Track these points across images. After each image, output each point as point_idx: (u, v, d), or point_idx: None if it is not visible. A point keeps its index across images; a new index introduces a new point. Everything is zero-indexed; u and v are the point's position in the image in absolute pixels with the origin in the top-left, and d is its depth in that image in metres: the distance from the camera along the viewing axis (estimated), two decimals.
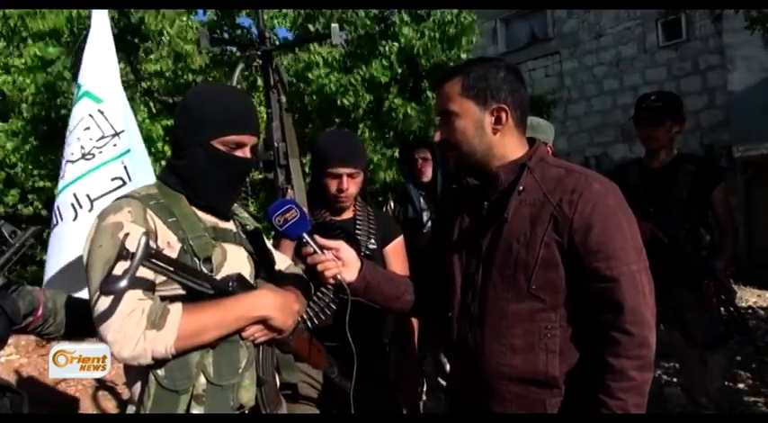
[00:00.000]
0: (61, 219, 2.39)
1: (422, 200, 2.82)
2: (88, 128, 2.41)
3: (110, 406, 4.06)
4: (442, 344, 2.57)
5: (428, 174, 2.81)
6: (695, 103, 8.60)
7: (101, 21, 2.52)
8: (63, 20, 5.56)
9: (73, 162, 2.40)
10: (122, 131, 2.43)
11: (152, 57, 5.79)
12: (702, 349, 2.49)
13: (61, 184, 2.42)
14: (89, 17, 5.21)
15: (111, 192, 2.35)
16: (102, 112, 2.42)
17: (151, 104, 6.00)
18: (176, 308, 1.13)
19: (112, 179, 2.39)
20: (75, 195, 2.38)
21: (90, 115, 2.41)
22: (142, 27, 5.72)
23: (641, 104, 2.60)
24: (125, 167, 2.42)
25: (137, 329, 1.08)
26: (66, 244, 2.32)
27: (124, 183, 2.41)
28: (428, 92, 6.49)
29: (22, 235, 1.39)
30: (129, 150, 2.45)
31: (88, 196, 2.37)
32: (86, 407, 4.05)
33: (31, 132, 5.73)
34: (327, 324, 1.86)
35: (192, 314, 1.13)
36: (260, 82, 6.65)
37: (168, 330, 1.09)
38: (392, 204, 2.90)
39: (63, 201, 2.40)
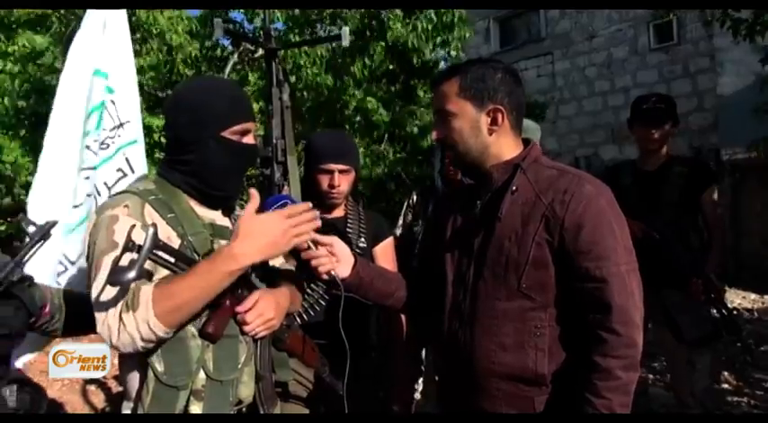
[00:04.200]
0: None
1: None
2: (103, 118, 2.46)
3: (98, 401, 4.03)
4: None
5: (459, 173, 2.68)
6: (685, 106, 8.66)
7: (119, 15, 2.57)
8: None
9: (95, 152, 2.44)
10: (127, 122, 2.46)
11: (142, 49, 5.68)
12: (692, 348, 2.52)
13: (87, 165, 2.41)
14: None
15: (117, 182, 2.40)
16: (113, 103, 2.45)
17: (140, 99, 5.92)
18: (148, 285, 1.10)
19: (117, 170, 2.43)
20: (95, 186, 2.41)
21: (105, 106, 2.46)
22: (133, 18, 5.63)
23: (642, 105, 2.60)
24: (126, 159, 2.45)
25: (115, 317, 1.07)
26: None
27: (125, 174, 2.43)
28: (420, 91, 6.47)
29: (42, 228, 1.38)
30: (135, 141, 2.47)
31: (105, 184, 2.41)
32: (74, 402, 4.02)
33: (19, 125, 5.60)
34: (317, 321, 1.86)
35: (163, 284, 1.10)
36: (251, 77, 6.62)
37: (143, 307, 1.06)
38: (415, 198, 2.75)
39: (83, 185, 2.41)
